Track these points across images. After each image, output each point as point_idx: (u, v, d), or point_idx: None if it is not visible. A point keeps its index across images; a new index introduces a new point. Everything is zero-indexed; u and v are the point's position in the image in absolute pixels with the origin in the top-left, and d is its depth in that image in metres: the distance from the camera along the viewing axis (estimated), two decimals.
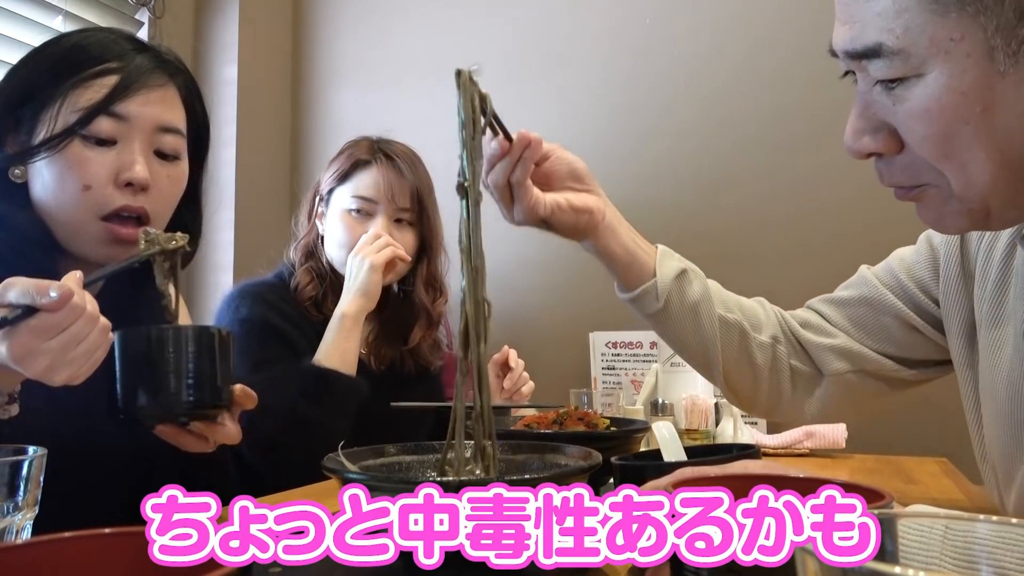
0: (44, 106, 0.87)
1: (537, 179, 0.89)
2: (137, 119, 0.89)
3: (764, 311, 1.00)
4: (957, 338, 0.85)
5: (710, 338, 0.94)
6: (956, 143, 0.62)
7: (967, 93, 0.60)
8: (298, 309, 1.36)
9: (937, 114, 0.62)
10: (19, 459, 0.57)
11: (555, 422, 0.99)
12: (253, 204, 2.18)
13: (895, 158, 0.68)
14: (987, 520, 0.32)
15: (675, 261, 0.95)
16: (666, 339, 0.98)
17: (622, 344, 1.79)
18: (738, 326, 0.96)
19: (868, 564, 0.25)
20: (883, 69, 0.63)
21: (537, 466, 0.69)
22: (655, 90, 1.97)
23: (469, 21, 2.19)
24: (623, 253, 0.93)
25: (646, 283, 0.93)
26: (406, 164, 1.41)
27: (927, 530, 0.35)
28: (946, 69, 0.60)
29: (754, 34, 1.89)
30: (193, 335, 0.76)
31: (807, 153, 1.81)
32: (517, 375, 1.45)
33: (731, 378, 0.97)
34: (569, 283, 2.03)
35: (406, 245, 1.39)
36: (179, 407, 0.76)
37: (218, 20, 2.16)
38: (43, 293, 0.65)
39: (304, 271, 1.40)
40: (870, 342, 0.95)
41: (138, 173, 0.88)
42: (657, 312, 0.94)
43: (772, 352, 0.97)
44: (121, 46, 0.92)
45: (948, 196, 0.66)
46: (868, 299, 0.95)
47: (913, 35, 0.61)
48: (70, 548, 0.34)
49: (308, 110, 2.37)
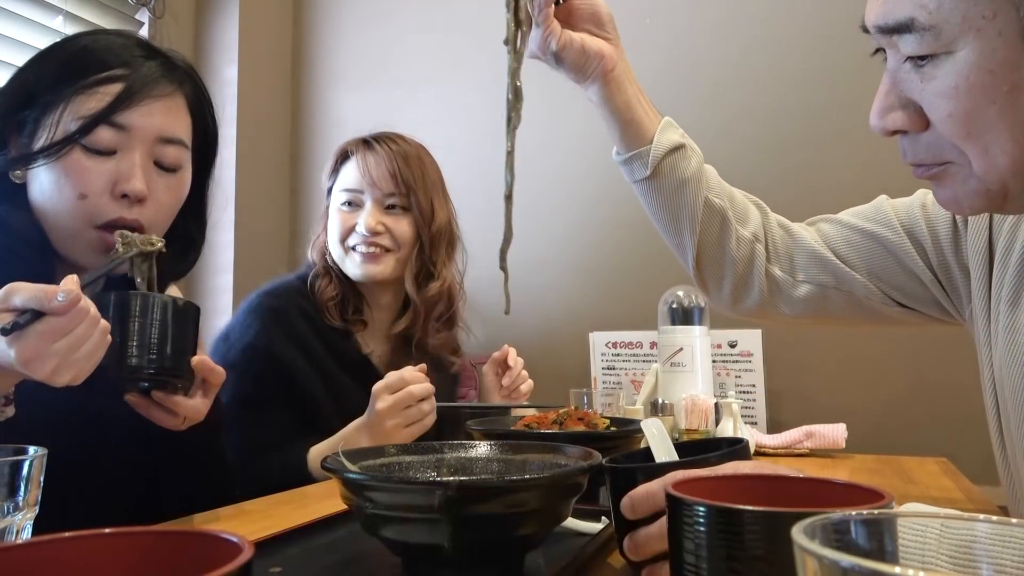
0: (47, 110, 0.86)
1: (559, 15, 0.88)
2: (138, 130, 0.88)
3: (756, 210, 1.00)
4: (981, 312, 0.85)
5: (690, 217, 0.94)
6: (981, 122, 0.63)
7: (995, 72, 0.61)
8: (319, 315, 1.35)
9: (964, 92, 0.62)
10: (19, 459, 0.57)
11: (555, 422, 0.99)
12: (253, 204, 2.18)
13: (920, 136, 0.68)
14: (986, 520, 0.32)
15: (676, 135, 0.95)
16: (648, 208, 0.97)
17: (622, 344, 1.79)
18: (722, 213, 0.95)
19: (868, 564, 0.25)
20: (913, 45, 0.63)
21: (537, 466, 0.69)
22: (656, 89, 1.97)
23: (469, 21, 2.19)
24: (624, 110, 0.92)
25: (640, 148, 0.93)
26: (387, 149, 1.38)
27: (925, 530, 0.35)
28: (976, 47, 0.61)
29: (754, 33, 1.89)
30: (157, 303, 0.79)
31: (809, 151, 1.81)
32: (516, 373, 1.44)
33: (702, 262, 0.97)
34: (569, 283, 2.03)
35: (400, 232, 1.37)
36: (139, 372, 0.78)
37: (218, 20, 2.16)
38: (51, 297, 0.66)
39: (324, 271, 1.40)
40: (864, 270, 0.94)
41: (135, 186, 0.87)
42: (644, 179, 0.93)
43: (751, 249, 0.97)
44: (129, 52, 0.90)
45: (968, 176, 0.67)
46: (879, 237, 0.94)
47: (946, 11, 0.61)
48: (70, 548, 0.34)
49: (308, 110, 2.37)
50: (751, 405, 1.65)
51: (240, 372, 1.23)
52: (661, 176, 0.93)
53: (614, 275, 1.98)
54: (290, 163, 2.37)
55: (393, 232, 1.36)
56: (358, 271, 1.37)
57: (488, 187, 2.13)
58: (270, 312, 1.32)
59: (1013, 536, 0.32)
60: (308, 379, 1.29)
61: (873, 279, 0.94)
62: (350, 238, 1.37)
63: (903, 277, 0.92)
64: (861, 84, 1.04)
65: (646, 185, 0.94)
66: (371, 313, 1.42)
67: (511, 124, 0.80)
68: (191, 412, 0.84)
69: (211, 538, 0.34)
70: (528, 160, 2.11)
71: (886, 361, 1.73)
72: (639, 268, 1.94)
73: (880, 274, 0.94)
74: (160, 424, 0.84)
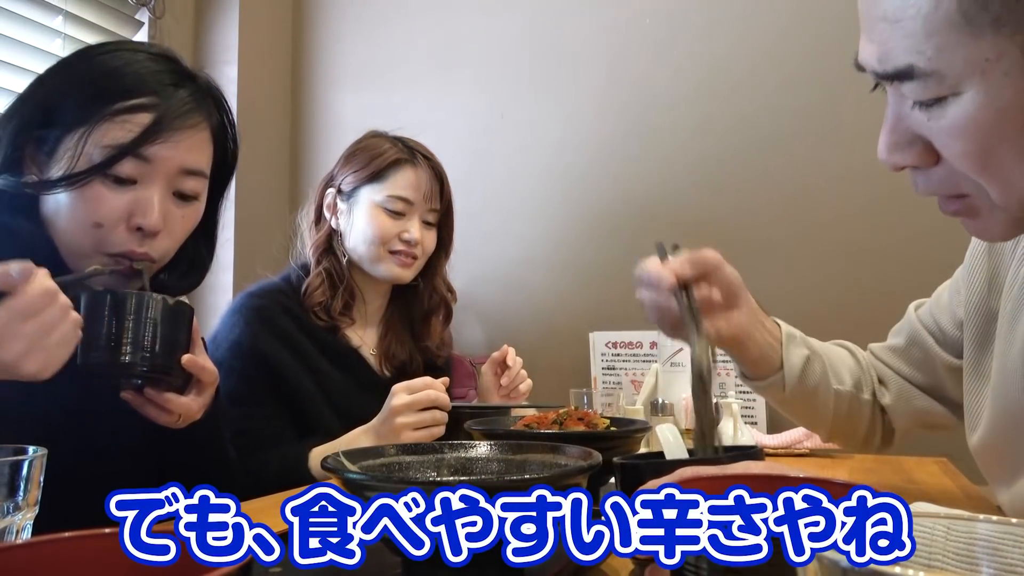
0: (70, 130, 0.83)
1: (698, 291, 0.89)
2: (162, 161, 0.86)
3: (862, 369, 1.03)
4: (971, 343, 0.86)
5: (823, 411, 0.98)
6: (996, 159, 0.61)
7: (1006, 111, 0.59)
8: (305, 314, 1.35)
9: (974, 132, 0.60)
10: (19, 459, 0.57)
11: (555, 422, 0.99)
12: (253, 204, 2.18)
13: (932, 170, 0.66)
14: (987, 520, 0.32)
15: (799, 348, 0.96)
16: (779, 408, 1.02)
17: (622, 344, 1.79)
18: (848, 396, 0.99)
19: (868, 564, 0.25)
20: (917, 90, 0.61)
21: (537, 466, 0.69)
22: (656, 89, 1.97)
23: (470, 21, 2.19)
24: (757, 353, 0.94)
25: (773, 375, 0.95)
26: (441, 167, 1.43)
27: (929, 530, 0.35)
28: (982, 88, 0.58)
29: (758, 33, 1.89)
30: (151, 303, 0.82)
31: (814, 150, 1.81)
32: (515, 373, 1.45)
33: (835, 434, 1.03)
34: (569, 283, 2.03)
35: (429, 244, 1.42)
36: (132, 368, 0.81)
37: (218, 20, 2.16)
38: (6, 273, 0.68)
39: (317, 274, 1.39)
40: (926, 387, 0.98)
41: (151, 221, 0.85)
42: (781, 397, 0.97)
43: (871, 409, 1.02)
44: (159, 79, 0.87)
45: (992, 207, 0.65)
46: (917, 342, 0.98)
47: (946, 56, 0.58)
48: (70, 548, 0.34)
49: (308, 110, 2.37)
50: (751, 405, 1.65)
51: (227, 370, 1.24)
52: (795, 390, 0.95)
53: (614, 275, 1.98)
54: (290, 163, 2.37)
55: (424, 244, 1.41)
56: (388, 273, 1.39)
57: (485, 187, 2.14)
58: (254, 311, 1.33)
59: (1014, 536, 0.32)
60: (295, 374, 1.30)
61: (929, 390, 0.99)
62: (392, 243, 1.38)
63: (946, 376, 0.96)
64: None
65: (781, 398, 0.97)
66: (363, 308, 1.43)
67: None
68: (184, 409, 0.85)
69: None
70: (529, 158, 2.11)
71: None
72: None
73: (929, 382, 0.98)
74: (156, 421, 0.85)
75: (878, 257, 1.76)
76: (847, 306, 1.75)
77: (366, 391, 1.34)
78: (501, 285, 2.11)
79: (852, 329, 1.15)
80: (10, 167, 0.84)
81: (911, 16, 0.59)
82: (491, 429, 0.99)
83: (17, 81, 1.66)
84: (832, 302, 1.77)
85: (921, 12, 0.58)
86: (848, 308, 1.74)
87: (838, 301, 1.76)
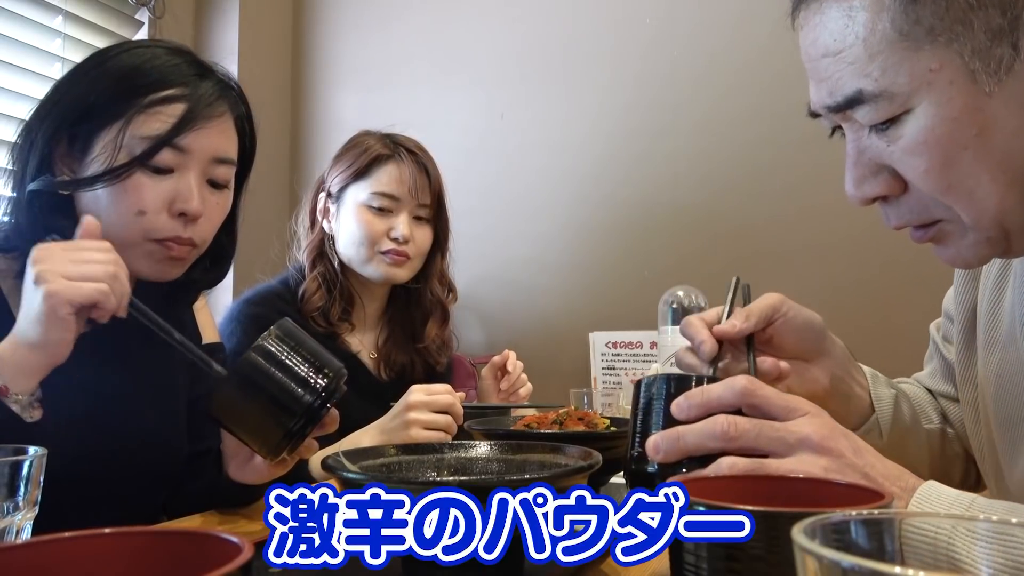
0: (103, 126, 0.86)
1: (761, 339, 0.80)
2: (197, 151, 0.89)
3: (927, 394, 1.00)
4: (959, 346, 0.85)
5: (919, 452, 0.93)
6: (958, 171, 0.61)
7: (959, 119, 0.60)
8: (303, 320, 1.34)
9: (934, 144, 0.61)
10: (19, 459, 0.57)
11: (555, 422, 0.99)
12: (253, 204, 2.17)
13: (901, 199, 0.66)
14: (987, 520, 0.32)
15: (884, 389, 0.91)
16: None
17: (622, 344, 1.79)
18: (938, 431, 0.95)
19: (868, 564, 0.25)
20: (870, 114, 0.62)
21: (537, 466, 0.69)
22: (657, 88, 1.97)
23: (470, 21, 2.19)
24: (841, 411, 0.84)
25: (865, 422, 0.88)
26: (428, 160, 1.41)
27: (930, 530, 0.35)
28: (933, 99, 0.60)
29: (758, 32, 1.89)
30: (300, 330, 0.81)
31: (817, 149, 1.81)
32: (514, 378, 1.44)
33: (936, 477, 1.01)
34: (569, 283, 2.03)
35: (422, 241, 1.40)
36: (330, 393, 0.74)
37: (218, 20, 2.16)
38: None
39: (312, 279, 1.38)
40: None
41: (193, 206, 0.88)
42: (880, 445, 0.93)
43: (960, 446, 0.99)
44: (182, 71, 0.90)
45: (963, 230, 0.65)
46: (949, 364, 0.95)
47: (891, 75, 0.60)
48: (70, 548, 0.34)
49: (308, 110, 2.37)
50: None
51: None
52: (890, 434, 0.90)
53: (614, 275, 1.98)
54: (290, 163, 2.37)
55: (416, 241, 1.39)
56: (379, 274, 1.38)
57: (484, 187, 2.14)
58: (251, 319, 1.32)
59: (1014, 536, 0.32)
60: None
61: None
62: (380, 243, 1.37)
63: None
64: None
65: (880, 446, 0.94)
66: (362, 312, 1.42)
67: None
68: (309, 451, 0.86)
69: (211, 538, 0.34)
70: (529, 159, 2.11)
71: (886, 361, 1.73)
72: (639, 268, 1.94)
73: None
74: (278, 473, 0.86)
75: (890, 250, 1.75)
76: (858, 309, 1.74)
77: (365, 397, 1.34)
78: (501, 285, 2.11)
79: (868, 330, 1.14)
80: (42, 169, 0.86)
81: (850, 44, 0.62)
82: (491, 429, 0.99)
83: (17, 81, 1.66)
84: (842, 305, 1.76)
85: (860, 37, 0.61)
86: (859, 310, 1.73)
87: (849, 304, 1.74)
